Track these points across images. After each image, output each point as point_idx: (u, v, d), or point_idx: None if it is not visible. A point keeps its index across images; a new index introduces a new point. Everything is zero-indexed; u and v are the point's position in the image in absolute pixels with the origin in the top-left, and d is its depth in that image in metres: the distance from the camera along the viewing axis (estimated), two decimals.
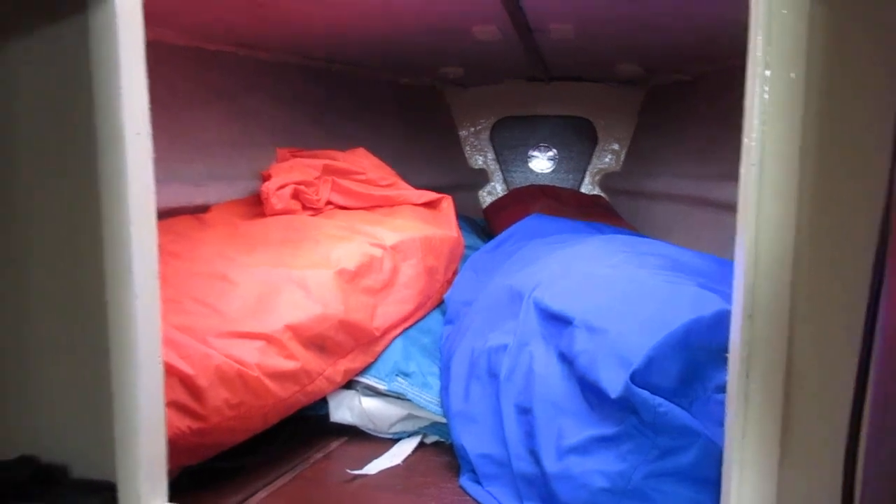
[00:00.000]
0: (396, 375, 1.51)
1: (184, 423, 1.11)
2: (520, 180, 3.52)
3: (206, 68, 2.01)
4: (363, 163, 1.96)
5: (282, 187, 1.71)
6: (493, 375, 1.35)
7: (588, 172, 3.49)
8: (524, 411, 1.23)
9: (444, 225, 1.85)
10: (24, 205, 0.99)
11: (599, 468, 1.07)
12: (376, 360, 1.53)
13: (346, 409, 1.51)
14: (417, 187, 2.00)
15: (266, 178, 1.79)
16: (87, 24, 0.92)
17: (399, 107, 3.19)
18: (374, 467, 1.36)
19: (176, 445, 1.06)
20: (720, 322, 1.07)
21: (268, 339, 1.25)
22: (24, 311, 1.01)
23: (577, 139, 3.49)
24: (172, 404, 1.09)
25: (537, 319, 1.34)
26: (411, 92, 3.27)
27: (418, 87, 3.31)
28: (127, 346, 0.95)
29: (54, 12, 0.95)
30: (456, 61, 2.85)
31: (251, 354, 1.22)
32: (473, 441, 1.31)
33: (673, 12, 1.85)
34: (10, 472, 0.97)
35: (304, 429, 1.50)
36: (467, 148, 3.53)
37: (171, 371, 1.09)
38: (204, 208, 1.77)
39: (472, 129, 3.52)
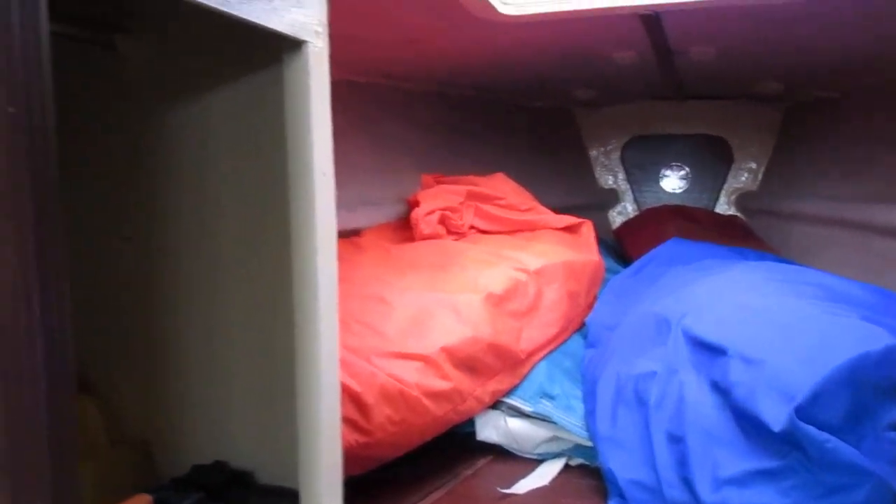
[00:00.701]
0: (541, 397, 1.55)
1: (352, 437, 1.20)
2: (651, 200, 3.48)
3: (356, 99, 2.14)
4: (503, 188, 2.02)
5: (429, 213, 1.79)
6: (642, 402, 1.36)
7: (723, 192, 3.41)
8: (676, 439, 1.24)
9: (584, 249, 1.88)
10: (220, 236, 1.11)
11: (760, 501, 1.06)
12: (521, 381, 1.57)
13: (492, 428, 1.56)
14: (548, 208, 2.04)
15: (413, 203, 1.88)
16: (281, 73, 1.02)
17: (529, 129, 3.24)
18: (522, 487, 1.40)
19: (345, 457, 1.15)
20: (891, 357, 1.04)
21: (425, 360, 1.33)
22: (220, 332, 1.12)
23: (711, 158, 3.42)
24: (343, 419, 1.18)
25: (687, 348, 1.34)
26: (541, 114, 3.32)
27: (548, 109, 3.35)
28: (311, 363, 1.04)
29: (252, 63, 1.06)
30: (589, 84, 2.87)
31: (411, 374, 1.29)
32: (622, 466, 1.33)
33: (821, 34, 1.80)
34: (208, 476, 1.08)
35: (450, 445, 1.57)
36: (597, 168, 3.54)
37: (342, 388, 1.17)
38: (356, 232, 1.88)
39: (603, 149, 3.52)
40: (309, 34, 0.99)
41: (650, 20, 1.68)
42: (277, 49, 0.99)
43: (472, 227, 1.89)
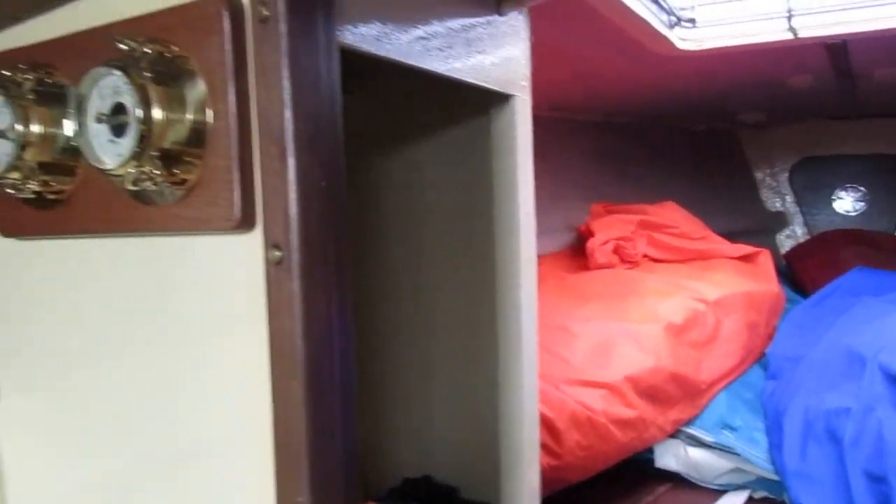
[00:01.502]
0: (722, 428, 1.55)
1: (544, 460, 1.27)
2: (823, 223, 3.32)
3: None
4: (675, 216, 2.03)
5: (604, 243, 1.84)
6: (835, 438, 1.33)
7: None
8: (876, 479, 1.21)
9: (763, 279, 1.86)
10: (429, 274, 1.22)
11: None
12: (701, 412, 1.58)
13: (672, 456, 1.58)
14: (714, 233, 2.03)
15: (586, 233, 1.94)
16: (488, 123, 1.12)
17: (692, 152, 3.20)
18: None
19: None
20: None
21: (610, 388, 1.38)
22: (429, 363, 1.23)
23: (890, 178, 3.21)
24: None
25: (884, 384, 1.31)
26: (704, 137, 3.27)
27: (711, 132, 3.30)
28: (514, 392, 1.12)
29: (460, 115, 1.17)
30: (757, 107, 2.81)
31: (597, 402, 1.35)
32: (815, 502, 1.31)
33: None
34: (418, 489, 1.19)
35: (630, 471, 1.60)
36: (763, 190, 3.42)
37: None
38: None
39: (769, 171, 3.41)
40: (516, 88, 1.08)
41: (835, 48, 1.65)
42: (486, 102, 1.09)
43: (644, 256, 1.92)
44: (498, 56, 1.03)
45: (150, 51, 0.64)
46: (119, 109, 0.65)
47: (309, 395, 0.62)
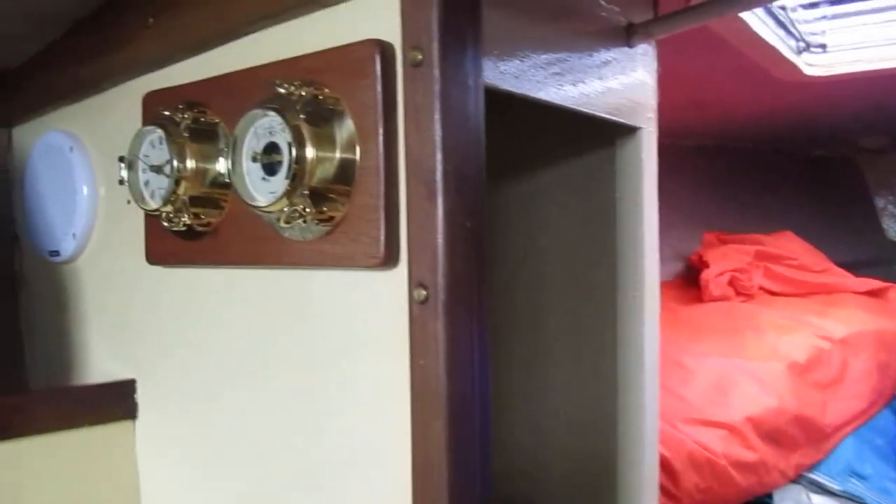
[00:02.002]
0: (850, 476, 1.46)
1: (661, 502, 1.23)
2: None
3: None
4: (793, 247, 1.94)
5: (719, 275, 1.78)
6: None
7: None
8: None
9: (893, 316, 1.74)
10: (547, 307, 1.20)
11: None
12: (826, 457, 1.49)
13: (792, 502, 1.49)
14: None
15: (698, 263, 1.88)
16: (613, 156, 1.10)
17: (808, 179, 3.06)
18: None
19: None
20: None
21: (730, 429, 1.32)
22: (545, 394, 1.21)
23: None
24: None
25: None
26: (820, 163, 3.12)
27: (828, 158, 3.14)
28: (634, 429, 1.09)
29: (583, 146, 1.15)
30: (882, 131, 2.66)
31: (717, 443, 1.29)
32: None
33: None
34: None
35: None
36: (885, 218, 3.23)
37: None
38: None
39: (892, 198, 3.21)
40: (642, 120, 1.06)
41: None
42: (611, 134, 1.08)
43: (761, 289, 1.84)
44: (626, 88, 1.01)
45: (305, 93, 0.66)
46: (272, 149, 0.68)
47: (451, 437, 0.62)
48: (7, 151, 1.20)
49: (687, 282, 1.91)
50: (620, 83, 1.00)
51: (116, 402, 0.93)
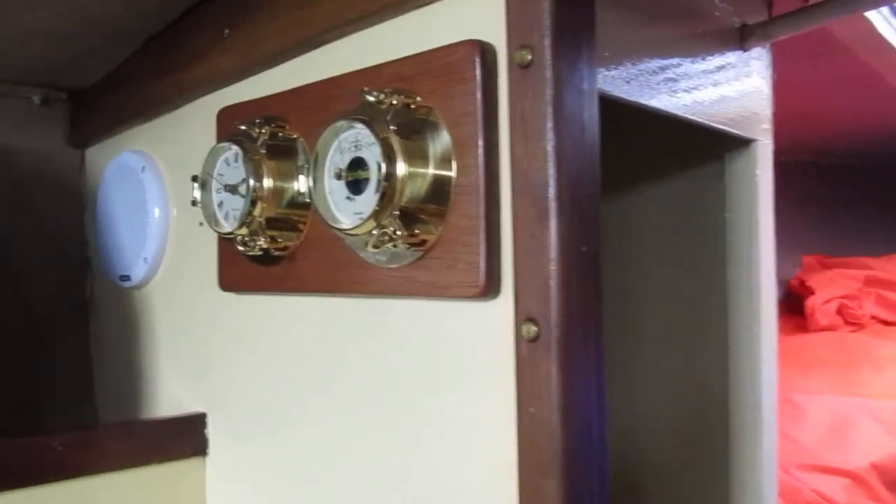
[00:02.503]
0: None
1: None
2: None
3: None
4: None
5: (827, 302, 1.63)
6: None
7: None
8: None
9: None
10: (642, 332, 1.10)
11: None
12: None
13: None
14: None
15: (799, 288, 1.73)
16: (722, 171, 1.00)
17: None
18: None
19: None
20: None
21: (854, 477, 1.18)
22: (640, 436, 1.11)
23: None
24: None
25: None
26: None
27: None
28: (750, 478, 0.97)
29: (687, 162, 1.05)
30: None
31: (838, 492, 1.15)
32: None
33: None
34: None
35: None
36: None
37: None
38: None
39: None
40: (757, 132, 0.96)
41: None
42: (720, 146, 0.97)
43: (872, 318, 1.68)
44: (740, 96, 0.91)
45: (396, 102, 0.59)
46: (357, 164, 0.61)
47: (565, 499, 0.53)
48: (80, 173, 1.17)
49: (787, 308, 1.76)
50: (734, 90, 0.90)
51: (187, 437, 0.87)
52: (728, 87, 0.88)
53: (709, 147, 0.97)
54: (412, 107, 0.60)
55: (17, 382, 1.11)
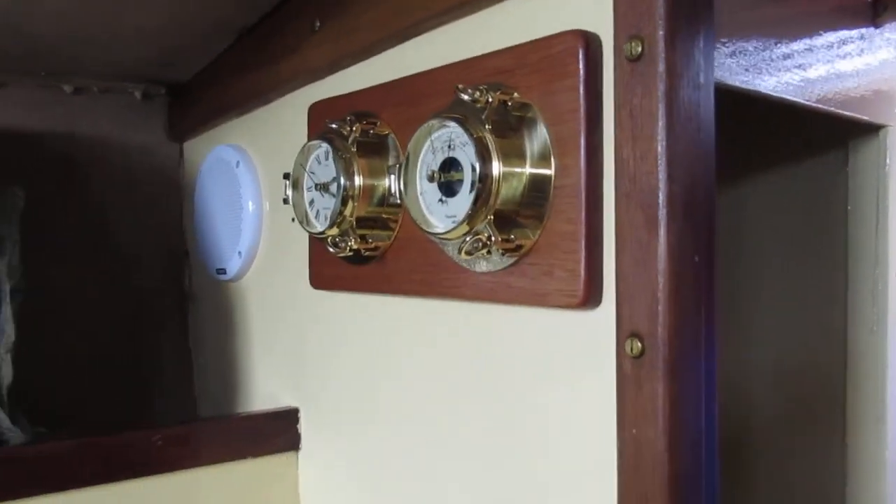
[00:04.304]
0: None
1: None
2: None
3: None
4: None
5: None
6: None
7: None
8: None
9: None
10: (753, 326, 1.03)
11: None
12: None
13: None
14: None
15: None
16: (846, 158, 0.91)
17: None
18: None
19: None
20: None
21: None
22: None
23: None
24: None
25: None
26: None
27: None
28: (873, 489, 0.90)
29: (807, 150, 0.96)
30: None
31: None
32: None
33: None
34: None
35: None
36: None
37: None
38: None
39: None
40: (889, 117, 0.87)
41: None
42: (843, 133, 0.89)
43: None
44: (868, 79, 0.83)
45: (492, 99, 0.55)
46: (451, 165, 0.58)
47: None
48: (179, 166, 1.19)
49: None
50: (863, 72, 0.81)
51: (280, 433, 0.87)
52: (856, 69, 0.80)
53: (831, 135, 0.89)
54: (509, 103, 0.56)
55: (124, 369, 1.15)
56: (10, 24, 0.83)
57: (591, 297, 0.53)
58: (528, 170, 0.55)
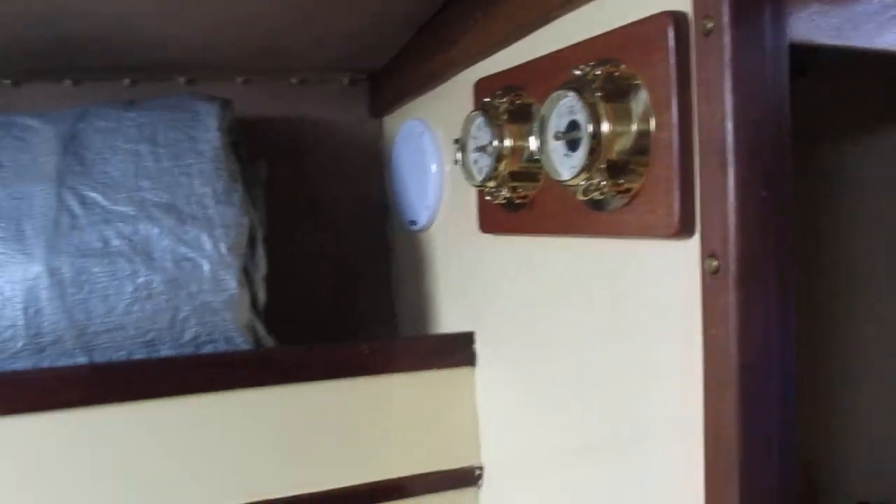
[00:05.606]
0: None
1: None
2: None
3: None
4: None
5: None
6: None
7: None
8: None
9: None
10: (869, 289, 1.06)
11: None
12: None
13: None
14: None
15: None
16: None
17: None
18: None
19: None
20: None
21: None
22: (882, 375, 1.09)
23: None
24: None
25: None
26: None
27: None
28: None
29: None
30: None
31: None
32: None
33: None
34: None
35: None
36: None
37: None
38: None
39: None
40: None
41: None
42: None
43: None
44: None
45: (600, 72, 0.70)
46: (573, 126, 0.73)
47: (741, 403, 0.62)
48: (379, 138, 1.44)
49: None
50: None
51: (459, 350, 1.08)
52: None
53: None
54: (616, 74, 0.70)
55: (336, 312, 1.43)
56: (263, 34, 1.11)
57: (684, 228, 0.66)
58: (633, 127, 0.69)
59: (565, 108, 0.74)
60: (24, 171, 0.93)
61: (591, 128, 0.69)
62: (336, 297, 1.43)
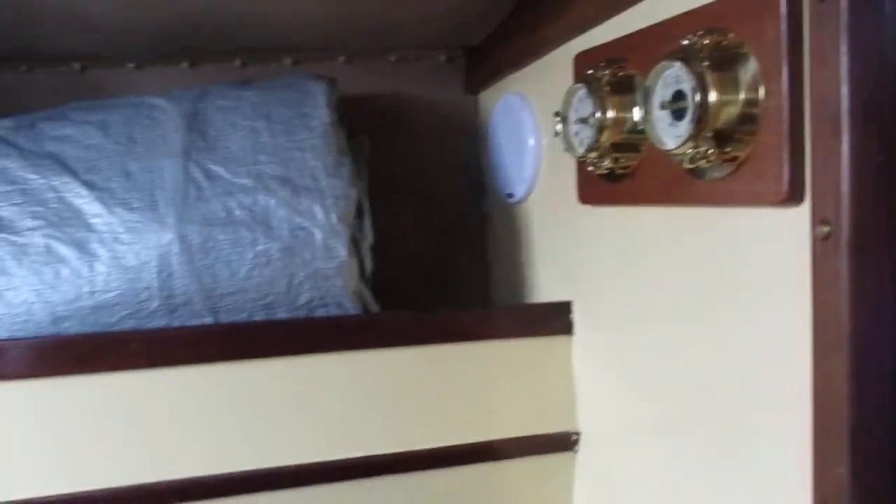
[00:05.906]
0: None
1: None
2: None
3: None
4: None
5: None
6: None
7: None
8: None
9: None
10: None
11: None
12: None
13: None
14: None
15: None
16: None
17: None
18: None
19: None
20: None
21: None
22: None
23: None
24: None
25: None
26: None
27: None
28: None
29: None
30: None
31: None
32: None
33: None
34: None
35: None
36: None
37: None
38: None
39: None
40: None
41: None
42: None
43: None
44: None
45: (707, 42, 0.70)
46: (678, 96, 0.74)
47: (851, 368, 0.62)
48: (475, 114, 1.47)
49: None
50: None
51: (556, 319, 1.10)
52: None
53: None
54: (724, 43, 0.71)
55: (434, 282, 1.48)
56: (365, 12, 1.15)
57: (793, 195, 0.67)
58: (741, 95, 0.70)
59: (671, 77, 0.75)
60: (155, 146, 1.01)
61: (698, 97, 0.70)
62: (433, 268, 1.47)
